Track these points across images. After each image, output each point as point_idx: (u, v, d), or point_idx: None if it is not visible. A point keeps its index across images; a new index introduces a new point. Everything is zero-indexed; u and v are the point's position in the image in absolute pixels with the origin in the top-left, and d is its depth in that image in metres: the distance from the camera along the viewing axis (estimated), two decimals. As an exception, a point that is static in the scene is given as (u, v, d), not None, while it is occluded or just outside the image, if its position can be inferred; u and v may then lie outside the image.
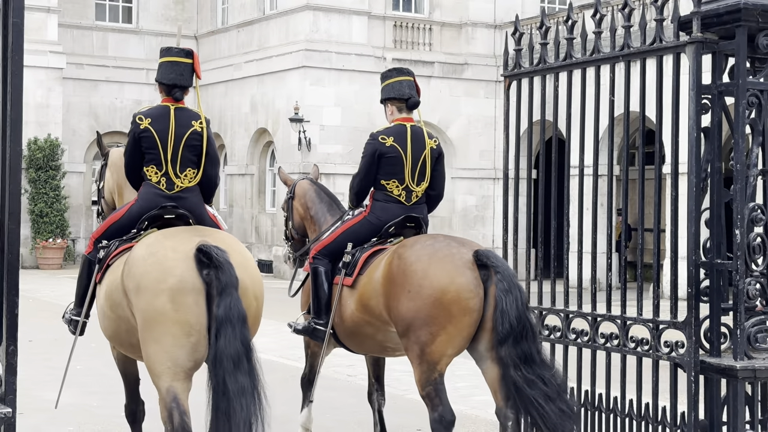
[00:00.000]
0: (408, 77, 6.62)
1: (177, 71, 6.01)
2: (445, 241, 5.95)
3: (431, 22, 26.02)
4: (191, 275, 5.25)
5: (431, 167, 6.56)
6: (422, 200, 6.61)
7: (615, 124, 7.00)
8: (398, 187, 6.49)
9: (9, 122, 4.08)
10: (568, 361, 6.28)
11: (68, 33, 27.48)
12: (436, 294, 5.65)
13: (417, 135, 6.54)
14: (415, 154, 6.48)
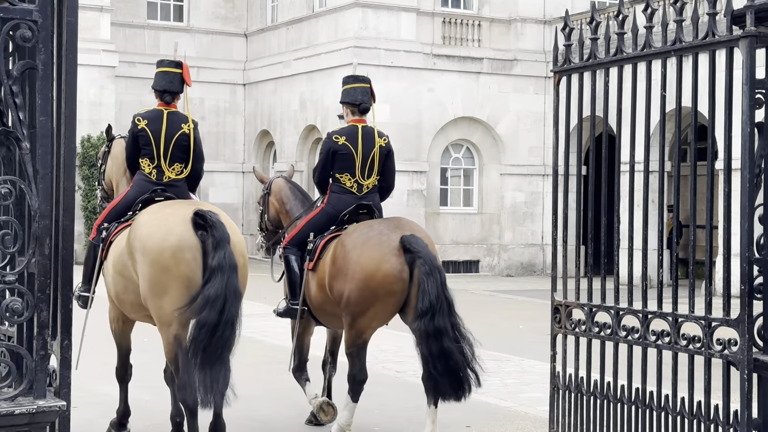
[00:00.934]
0: (364, 84, 7.56)
1: (167, 79, 7.21)
2: (379, 229, 6.95)
3: (480, 18, 25.93)
4: (189, 234, 6.20)
5: (381, 162, 7.45)
6: (374, 190, 7.51)
7: (666, 119, 6.92)
8: (350, 180, 7.38)
9: (63, 119, 4.14)
10: (619, 358, 6.23)
11: (120, 32, 27.81)
12: (365, 278, 6.74)
13: (367, 134, 7.42)
14: (365, 151, 7.36)
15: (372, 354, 11.41)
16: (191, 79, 7.29)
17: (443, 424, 7.92)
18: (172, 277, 6.15)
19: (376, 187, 7.50)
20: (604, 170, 6.57)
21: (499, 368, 10.69)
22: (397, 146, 24.57)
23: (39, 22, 3.96)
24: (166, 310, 6.21)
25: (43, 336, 4.05)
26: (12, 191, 3.99)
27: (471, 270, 25.62)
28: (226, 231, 6.18)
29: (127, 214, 6.93)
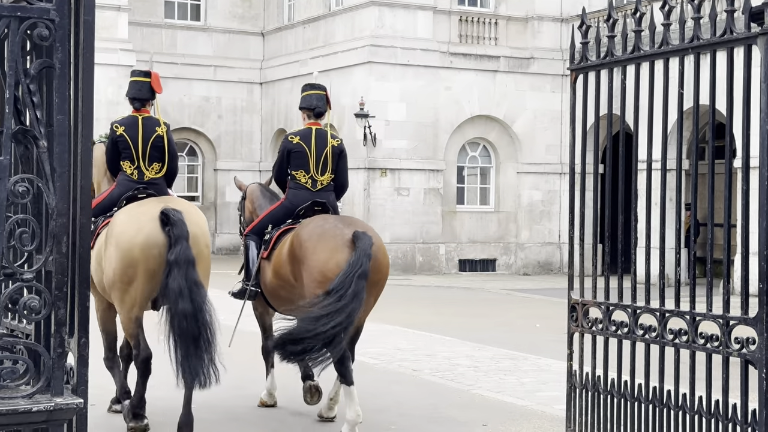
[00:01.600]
0: (320, 91, 8.35)
1: (137, 88, 7.86)
2: (334, 223, 7.56)
3: (497, 17, 25.88)
4: (156, 231, 6.99)
5: (334, 161, 8.06)
6: (328, 188, 8.11)
7: (684, 117, 6.90)
8: (305, 176, 8.04)
9: (81, 118, 4.16)
10: (636, 357, 6.21)
11: (138, 31, 27.91)
12: (320, 267, 7.32)
13: (321, 135, 8.07)
14: (318, 150, 7.99)
15: (388, 353, 11.44)
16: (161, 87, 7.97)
17: (459, 422, 7.92)
18: (139, 271, 7.03)
19: (330, 186, 8.10)
20: (621, 168, 6.54)
21: (516, 367, 10.67)
22: (414, 144, 24.59)
23: (56, 20, 3.97)
24: (131, 296, 7.11)
25: (61, 334, 4.06)
26: (29, 189, 4.00)
27: (487, 269, 25.60)
28: (185, 229, 6.92)
29: (112, 210, 7.61)
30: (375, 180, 24.35)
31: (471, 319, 15.28)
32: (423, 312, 16.05)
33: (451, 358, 11.22)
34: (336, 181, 8.15)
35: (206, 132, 28.85)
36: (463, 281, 22.85)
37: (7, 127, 3.87)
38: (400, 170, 24.55)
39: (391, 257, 24.59)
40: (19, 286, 3.91)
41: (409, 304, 17.38)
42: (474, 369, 10.49)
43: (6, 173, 3.86)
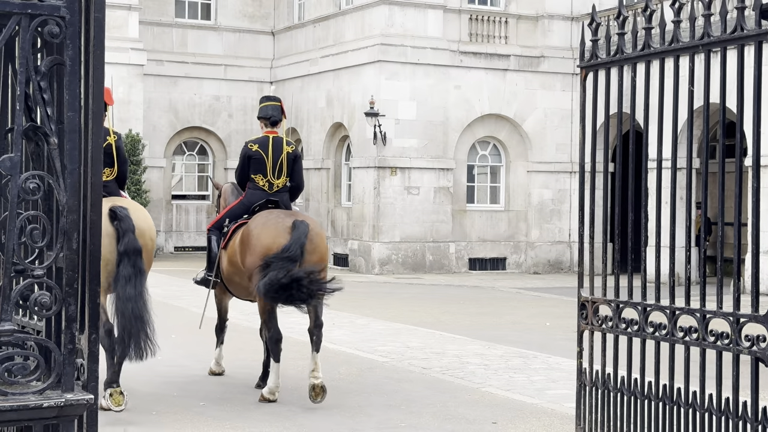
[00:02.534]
0: (275, 102, 9.34)
1: None
2: (277, 214, 8.66)
3: (507, 15, 25.86)
4: (106, 225, 7.87)
5: (289, 166, 8.97)
6: (283, 189, 9.05)
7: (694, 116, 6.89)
8: (263, 180, 8.96)
9: (91, 115, 4.17)
10: (646, 354, 6.20)
11: (149, 30, 27.97)
12: (264, 251, 8.29)
13: (277, 143, 8.97)
14: (274, 156, 8.91)
15: (398, 351, 11.44)
16: (112, 100, 8.63)
17: (469, 419, 7.92)
18: None
19: (286, 187, 9.06)
20: (631, 167, 6.53)
21: (526, 365, 10.66)
22: (424, 143, 24.58)
23: (67, 18, 3.98)
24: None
25: (71, 330, 4.07)
26: (40, 186, 4.02)
27: (498, 267, 25.58)
28: (132, 223, 8.01)
29: None
30: (385, 179, 24.36)
31: (481, 318, 15.28)
32: (433, 310, 16.05)
33: (461, 356, 11.21)
34: (292, 183, 9.11)
35: (216, 131, 28.90)
36: (473, 280, 22.84)
37: (18, 123, 3.89)
38: (410, 169, 24.55)
39: (401, 256, 24.62)
40: (29, 283, 3.93)
41: (419, 302, 17.38)
42: (484, 367, 10.49)
43: (17, 170, 3.87)
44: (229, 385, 9.21)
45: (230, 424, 7.58)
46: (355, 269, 24.74)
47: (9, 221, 3.97)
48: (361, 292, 19.26)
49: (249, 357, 10.87)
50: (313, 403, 8.29)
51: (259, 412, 8.05)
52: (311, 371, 8.45)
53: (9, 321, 4.04)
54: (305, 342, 11.87)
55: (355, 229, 25.28)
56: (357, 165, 25.11)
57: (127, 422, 7.48)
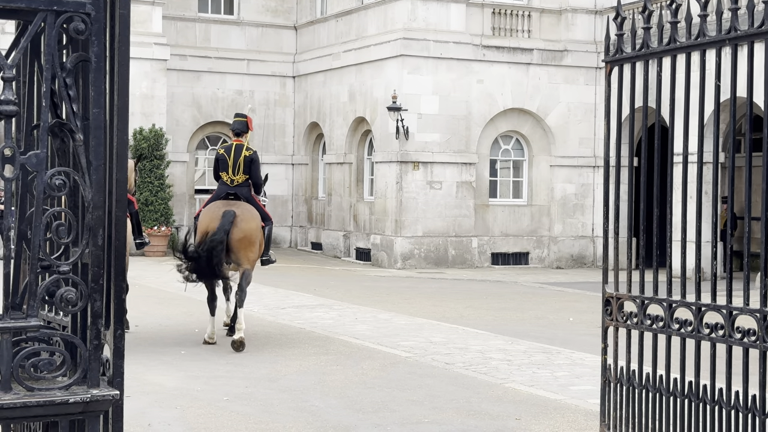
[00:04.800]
0: (241, 118, 12.16)
1: None
2: (219, 205, 11.50)
3: (530, 9, 25.75)
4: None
5: (245, 166, 11.67)
6: (243, 184, 11.76)
7: (720, 110, 6.83)
8: (227, 176, 11.73)
9: (116, 111, 4.18)
10: (671, 351, 6.16)
11: (172, 25, 28.04)
12: (202, 234, 11.21)
13: (238, 148, 11.74)
14: (235, 159, 11.67)
15: (421, 346, 11.44)
16: None
17: (492, 414, 7.90)
18: None
19: (246, 182, 11.77)
20: (657, 161, 6.49)
21: (550, 360, 10.62)
22: (446, 138, 24.54)
23: (92, 14, 3.99)
24: None
25: (97, 325, 4.09)
26: (66, 182, 4.03)
27: (520, 262, 25.51)
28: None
29: None
30: (408, 173, 24.33)
31: (504, 313, 15.24)
32: (455, 305, 16.02)
33: (484, 351, 11.19)
34: (251, 180, 11.84)
35: (239, 125, 28.96)
36: (496, 275, 22.78)
37: (44, 120, 3.90)
38: (433, 163, 24.51)
39: (423, 250, 24.58)
40: (55, 278, 3.94)
41: (441, 297, 17.36)
42: (507, 363, 10.46)
43: (43, 166, 3.89)
44: (252, 379, 9.23)
45: (254, 419, 7.60)
46: (377, 264, 24.74)
47: (35, 217, 3.99)
48: (383, 286, 19.25)
49: (273, 351, 10.90)
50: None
51: (283, 407, 8.07)
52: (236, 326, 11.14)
53: (35, 317, 4.06)
54: (327, 337, 11.92)
55: (377, 224, 25.27)
56: (379, 159, 25.10)
57: (151, 417, 7.52)
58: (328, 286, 17.90)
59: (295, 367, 9.90)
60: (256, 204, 11.82)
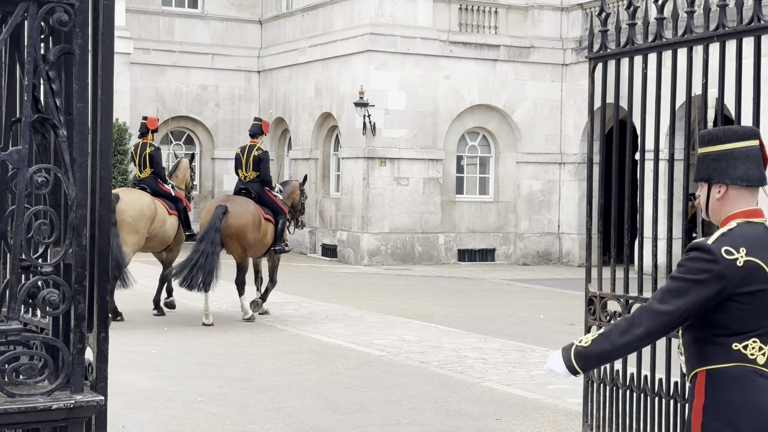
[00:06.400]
0: (257, 122, 13.82)
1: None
2: (220, 199, 13.18)
3: (497, 5, 25.72)
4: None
5: (254, 164, 13.20)
6: (255, 180, 13.27)
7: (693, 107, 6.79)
8: (241, 173, 13.30)
9: (100, 106, 4.03)
10: (656, 351, 6.10)
11: (135, 18, 27.69)
12: (200, 225, 12.99)
13: (250, 149, 13.30)
14: (247, 158, 13.24)
15: (394, 344, 11.34)
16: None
17: (471, 415, 7.82)
18: None
19: (257, 178, 13.24)
20: (615, 159, 6.42)
21: (524, 359, 10.57)
22: (413, 134, 24.45)
23: (76, 5, 3.84)
24: None
25: (81, 329, 3.94)
26: (48, 180, 3.88)
27: (487, 258, 25.50)
28: (114, 205, 11.94)
29: None
30: (374, 169, 24.22)
31: (474, 310, 15.18)
32: (425, 303, 15.94)
33: (458, 350, 11.11)
34: (261, 177, 13.26)
35: (204, 120, 28.67)
36: (463, 271, 22.75)
37: (26, 115, 3.74)
38: (400, 159, 24.42)
39: (390, 247, 24.48)
40: (37, 280, 3.79)
41: (410, 294, 17.28)
42: (482, 361, 10.38)
43: (25, 163, 3.73)
44: (226, 379, 9.07)
45: (231, 420, 7.45)
46: (343, 260, 24.61)
47: (16, 216, 3.82)
48: (351, 283, 19.14)
49: (245, 350, 10.75)
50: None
51: (259, 408, 7.93)
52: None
53: (16, 320, 3.90)
54: (299, 335, 11.78)
55: (343, 220, 25.15)
56: (346, 155, 24.96)
57: (125, 419, 7.35)
58: (295, 283, 17.75)
59: (269, 366, 9.76)
60: (268, 198, 13.27)
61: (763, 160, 3.42)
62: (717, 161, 3.40)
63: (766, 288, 3.26)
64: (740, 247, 3.26)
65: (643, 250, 6.33)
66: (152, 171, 13.54)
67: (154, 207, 13.13)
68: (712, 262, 3.23)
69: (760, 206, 3.47)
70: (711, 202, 3.44)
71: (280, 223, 13.18)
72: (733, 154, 3.38)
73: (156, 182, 13.53)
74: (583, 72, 24.22)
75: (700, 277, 3.23)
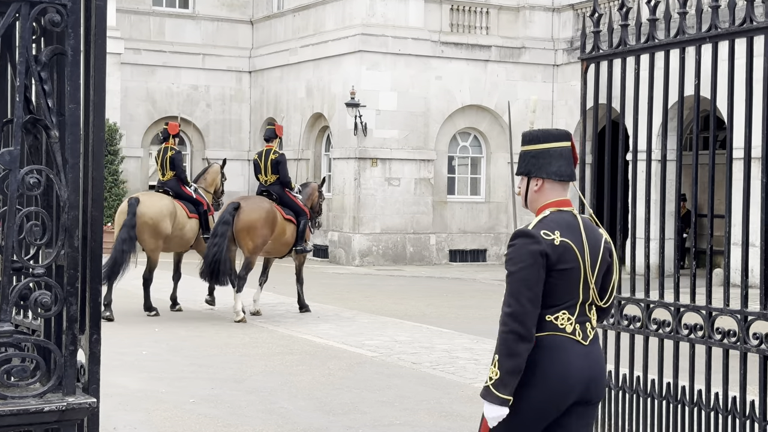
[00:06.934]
0: (271, 126, 14.29)
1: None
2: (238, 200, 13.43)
3: (488, 5, 25.73)
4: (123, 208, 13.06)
5: (273, 168, 13.65)
6: (274, 183, 13.69)
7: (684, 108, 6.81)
8: (261, 177, 13.78)
9: (92, 107, 4.01)
10: (649, 352, 6.10)
11: (126, 18, 27.62)
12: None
13: (267, 153, 13.72)
14: (265, 163, 13.66)
15: (386, 345, 11.33)
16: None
17: (463, 417, 7.81)
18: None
19: (277, 181, 13.66)
20: (607, 158, 6.43)
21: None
22: (404, 134, 24.44)
23: (68, 5, 3.81)
24: None
25: (73, 330, 3.92)
26: (40, 181, 3.86)
27: (478, 259, 25.50)
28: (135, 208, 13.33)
29: None
30: (366, 170, 24.21)
31: (466, 311, 15.18)
32: (417, 303, 15.93)
33: (450, 350, 11.10)
34: (280, 179, 13.68)
35: (195, 121, 28.60)
36: (454, 272, 22.74)
37: (18, 115, 3.72)
38: (391, 160, 24.41)
39: (382, 247, 24.47)
40: (29, 282, 3.76)
41: (401, 295, 17.26)
42: (474, 362, 10.38)
43: (17, 164, 3.71)
44: (217, 380, 9.05)
45: (223, 421, 7.43)
46: (335, 261, 24.59)
47: (8, 217, 3.80)
48: (342, 283, 19.12)
49: (237, 351, 10.72)
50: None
51: (251, 409, 7.91)
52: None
53: (8, 321, 3.87)
54: (290, 336, 11.76)
55: (335, 221, 25.12)
56: (337, 156, 24.94)
57: (116, 420, 7.32)
58: (286, 284, 17.71)
59: (261, 367, 9.74)
60: (289, 199, 13.68)
61: (574, 159, 3.96)
62: (536, 158, 3.93)
63: (575, 266, 3.80)
64: (555, 230, 3.79)
65: (635, 250, 6.32)
66: (174, 174, 14.02)
67: (174, 209, 13.56)
68: (535, 243, 3.74)
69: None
70: (530, 194, 3.96)
71: (301, 223, 13.59)
72: (549, 152, 3.91)
73: (178, 185, 13.98)
74: (574, 73, 24.26)
75: (531, 260, 3.72)
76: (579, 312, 3.84)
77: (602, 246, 3.91)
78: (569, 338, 3.80)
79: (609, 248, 3.97)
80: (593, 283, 3.86)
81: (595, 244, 3.88)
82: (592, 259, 3.84)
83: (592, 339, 3.90)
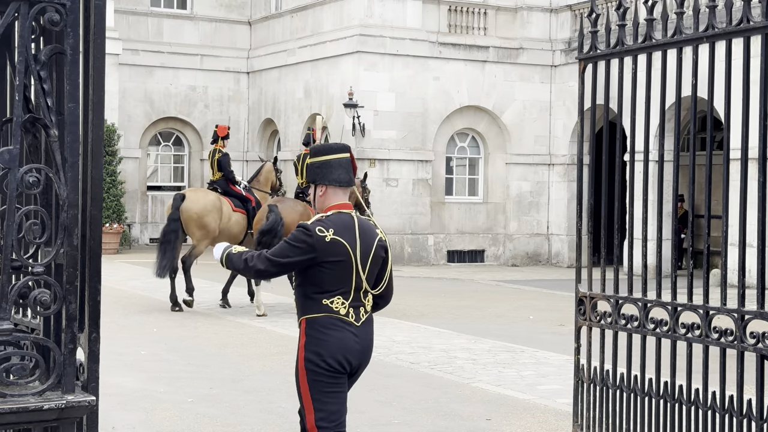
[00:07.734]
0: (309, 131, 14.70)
1: None
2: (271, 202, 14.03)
3: (486, 6, 25.75)
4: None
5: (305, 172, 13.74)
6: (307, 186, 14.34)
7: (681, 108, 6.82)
8: (299, 179, 14.40)
9: (92, 106, 4.02)
10: (646, 351, 6.12)
11: (124, 19, 27.63)
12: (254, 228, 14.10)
13: (304, 157, 13.76)
14: (302, 166, 14.01)
15: (384, 345, 11.34)
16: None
17: (461, 416, 7.82)
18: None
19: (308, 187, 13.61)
20: (605, 160, 6.44)
21: (514, 360, 10.58)
22: (402, 135, 24.46)
23: (67, 5, 3.83)
24: None
25: (72, 329, 3.93)
26: (39, 180, 3.87)
27: (476, 259, 25.52)
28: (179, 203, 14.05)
29: None
30: (363, 170, 24.20)
31: (464, 311, 15.19)
32: (415, 303, 15.94)
33: (448, 350, 11.11)
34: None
35: (192, 121, 28.61)
36: (452, 272, 22.76)
37: (17, 115, 3.74)
38: (389, 161, 24.42)
39: (380, 248, 24.42)
40: (28, 280, 3.78)
41: (400, 295, 17.17)
42: (472, 362, 10.39)
43: (16, 163, 3.72)
44: (216, 380, 9.06)
45: (222, 421, 7.44)
46: (333, 261, 24.58)
47: (8, 216, 3.81)
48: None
49: (235, 351, 10.74)
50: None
51: (250, 409, 7.92)
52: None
53: (7, 320, 3.88)
54: (288, 336, 11.76)
55: (333, 221, 25.12)
56: (335, 156, 24.92)
57: (114, 420, 7.33)
58: (284, 284, 17.72)
59: (259, 367, 9.75)
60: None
61: (353, 168, 4.72)
62: (320, 168, 4.68)
63: (345, 260, 4.55)
64: (330, 228, 4.56)
65: (632, 250, 6.34)
66: (222, 174, 14.77)
67: (219, 203, 14.19)
68: (308, 236, 4.54)
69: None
70: (317, 198, 4.72)
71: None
72: (330, 163, 4.67)
73: (227, 184, 14.70)
74: (572, 73, 24.28)
75: (300, 245, 4.54)
76: (354, 298, 4.58)
77: (375, 243, 4.64)
78: (342, 319, 4.55)
79: (383, 245, 4.69)
80: (365, 274, 4.58)
81: (369, 242, 4.61)
82: (363, 254, 4.57)
83: (365, 321, 4.65)
